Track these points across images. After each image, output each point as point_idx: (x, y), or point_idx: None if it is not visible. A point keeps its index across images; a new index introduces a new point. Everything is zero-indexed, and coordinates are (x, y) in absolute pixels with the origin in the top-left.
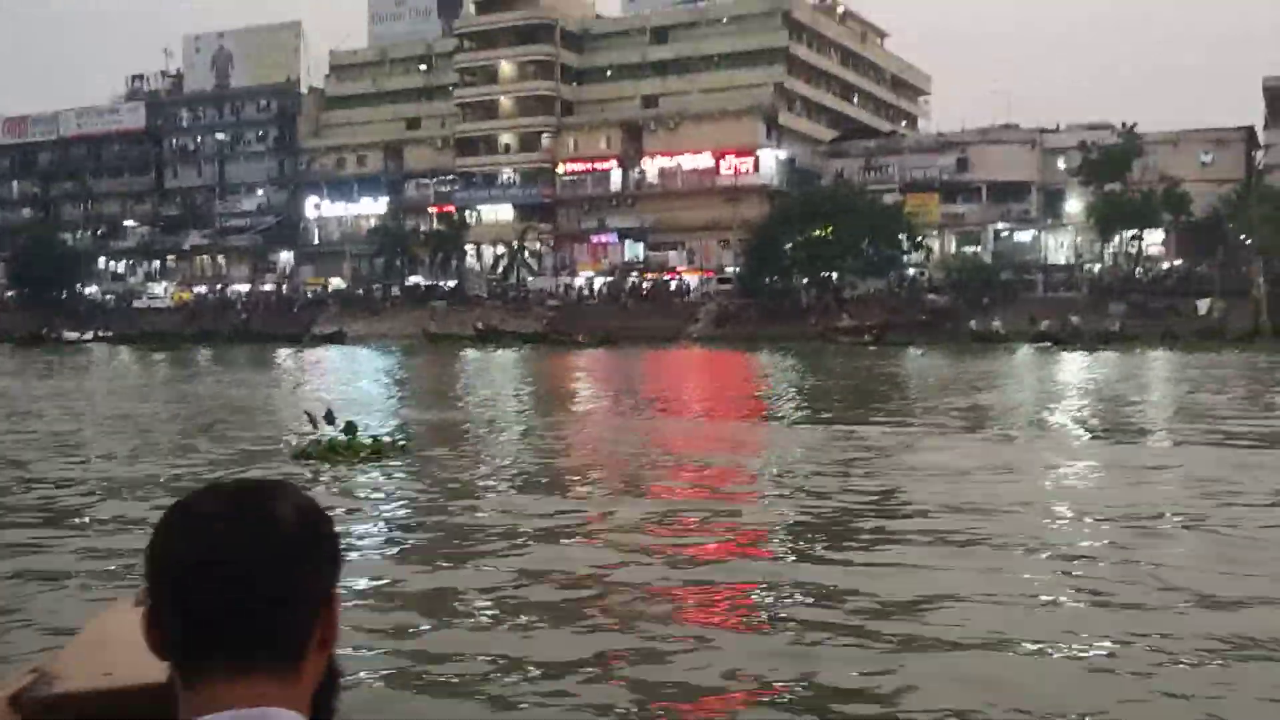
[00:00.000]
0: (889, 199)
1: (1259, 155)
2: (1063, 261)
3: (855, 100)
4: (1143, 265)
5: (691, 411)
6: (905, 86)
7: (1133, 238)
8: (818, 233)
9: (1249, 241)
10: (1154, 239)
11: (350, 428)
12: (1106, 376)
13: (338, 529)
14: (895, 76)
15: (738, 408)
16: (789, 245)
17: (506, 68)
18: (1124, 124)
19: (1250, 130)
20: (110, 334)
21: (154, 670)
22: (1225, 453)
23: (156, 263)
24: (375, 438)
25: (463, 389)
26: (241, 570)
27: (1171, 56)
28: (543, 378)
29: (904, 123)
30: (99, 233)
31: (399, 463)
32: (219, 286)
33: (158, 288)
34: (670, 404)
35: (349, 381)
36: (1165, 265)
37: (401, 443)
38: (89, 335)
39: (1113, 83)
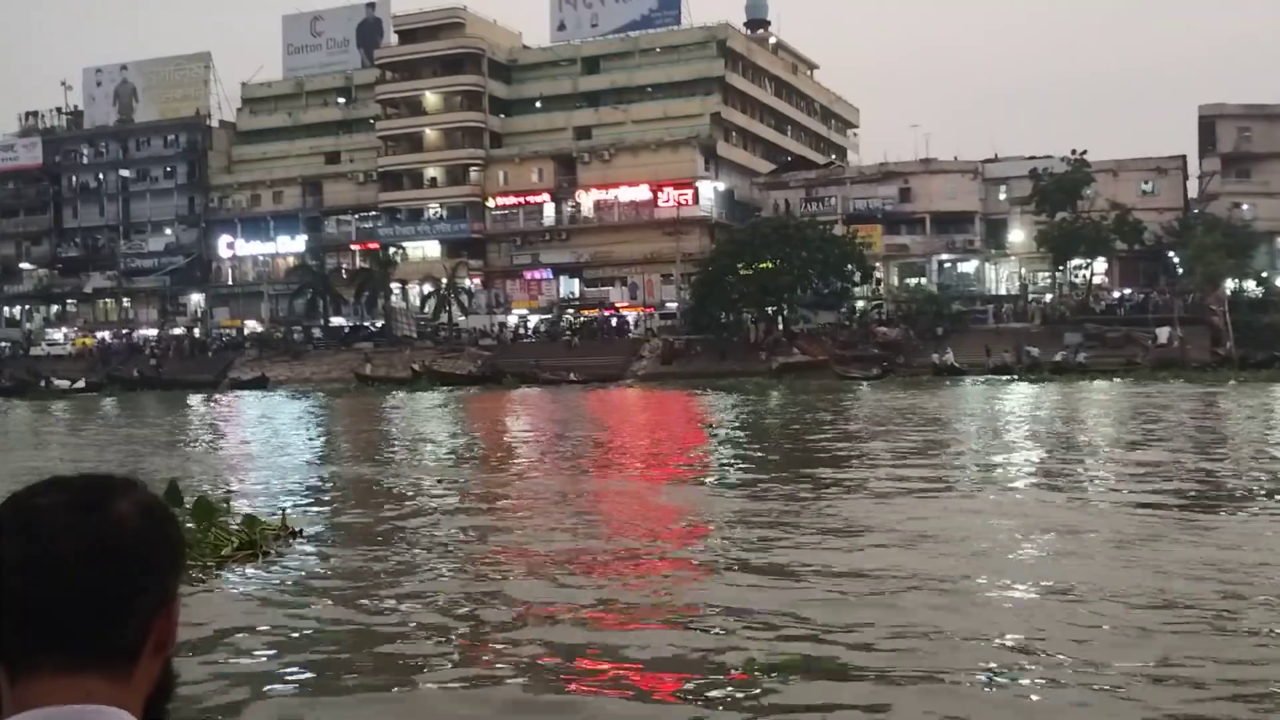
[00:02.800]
0: (835, 230)
1: (1192, 183)
2: (1004, 292)
3: (789, 132)
4: (1093, 294)
5: (642, 470)
6: (836, 118)
7: (1078, 267)
8: (764, 265)
9: (1196, 270)
10: (1097, 268)
11: (203, 511)
12: (1119, 414)
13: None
14: (825, 108)
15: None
16: (737, 278)
17: (431, 98)
18: (1073, 151)
19: (1183, 159)
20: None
21: None
22: None
23: (55, 307)
24: (250, 522)
25: (389, 441)
26: (75, 567)
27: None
28: (479, 423)
29: (833, 155)
30: None
31: (280, 563)
32: (125, 331)
33: (57, 334)
34: (617, 460)
35: (263, 434)
36: (1116, 294)
37: (292, 528)
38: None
39: (1030, 116)
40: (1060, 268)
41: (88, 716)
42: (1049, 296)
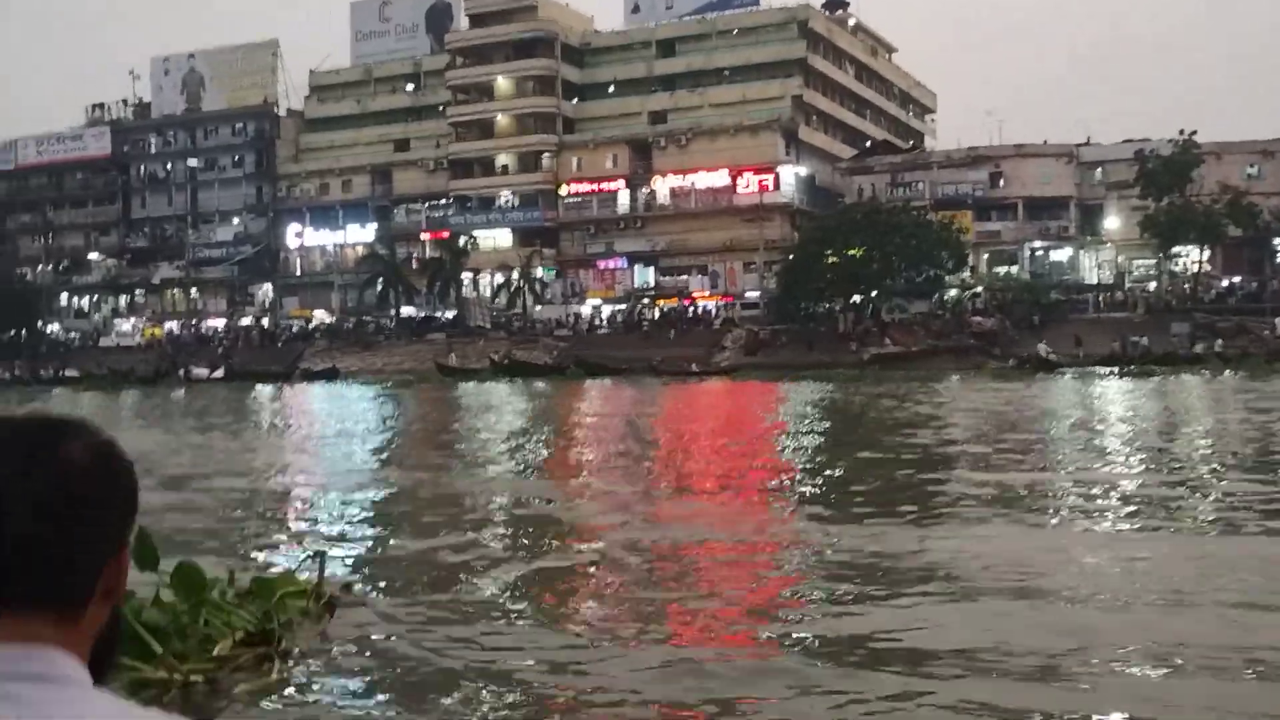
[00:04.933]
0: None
1: None
2: (1098, 280)
3: (868, 116)
4: (1200, 282)
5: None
6: (914, 103)
7: (1177, 254)
8: (853, 252)
9: None
10: (1195, 255)
11: (187, 582)
12: None
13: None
14: (904, 93)
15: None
16: (825, 266)
17: (503, 84)
18: (1181, 131)
19: None
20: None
21: None
22: None
23: (124, 298)
24: (262, 589)
25: (465, 441)
26: (23, 510)
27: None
28: (575, 422)
29: (910, 141)
30: (60, 267)
31: (307, 676)
32: (193, 322)
33: (125, 324)
34: (716, 472)
35: (327, 432)
36: (1224, 282)
37: (329, 592)
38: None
39: (1115, 99)
40: (1166, 255)
41: (32, 659)
42: (1152, 285)
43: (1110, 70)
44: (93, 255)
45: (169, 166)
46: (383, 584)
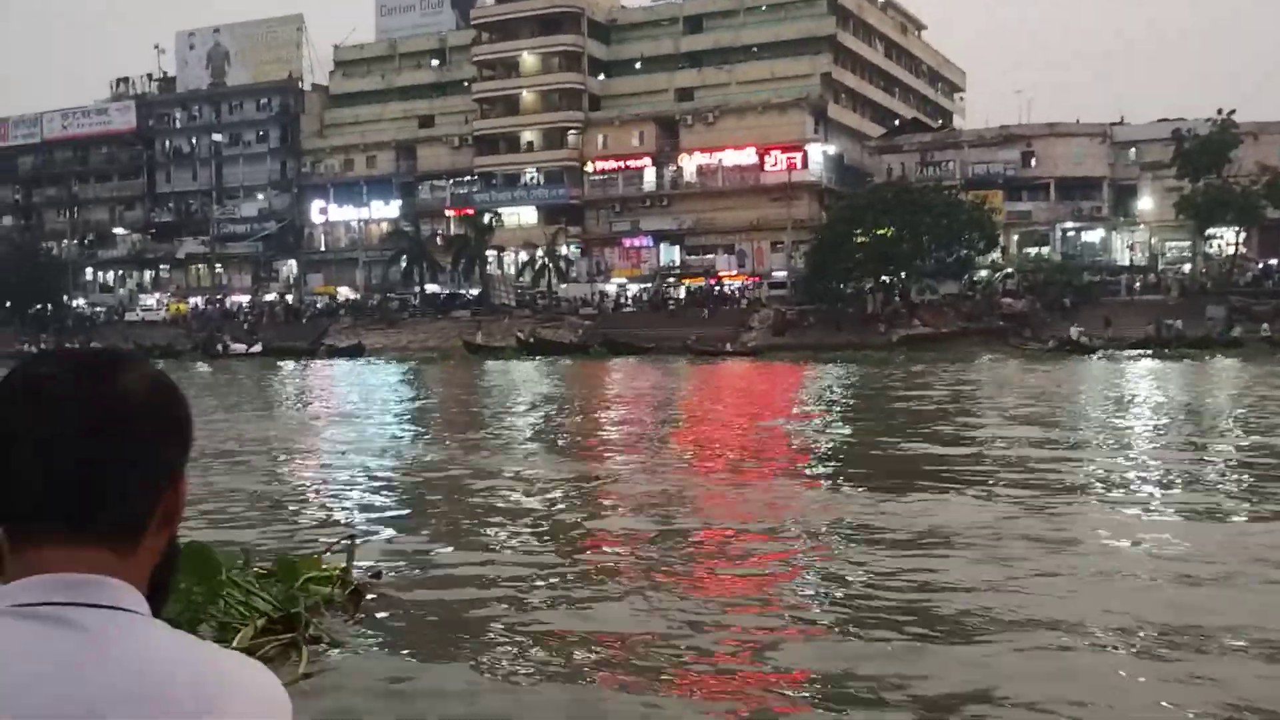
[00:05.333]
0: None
1: None
2: (1127, 262)
3: (897, 94)
4: (1236, 265)
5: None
6: (943, 81)
7: (1211, 236)
8: (882, 232)
9: None
10: (1234, 238)
11: (202, 562)
12: None
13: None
14: (933, 71)
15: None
16: (855, 246)
17: (529, 60)
18: (1219, 110)
19: None
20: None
21: None
22: None
23: (149, 273)
24: (286, 570)
25: (497, 421)
26: (81, 437)
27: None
28: (603, 398)
29: (940, 120)
30: (86, 241)
31: (335, 661)
32: (218, 297)
33: (150, 299)
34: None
35: (351, 408)
36: (1260, 265)
37: (359, 581)
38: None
39: (1147, 79)
40: (1203, 236)
41: (90, 586)
42: (1187, 267)
43: (1140, 52)
44: (118, 230)
45: (194, 141)
46: (415, 572)
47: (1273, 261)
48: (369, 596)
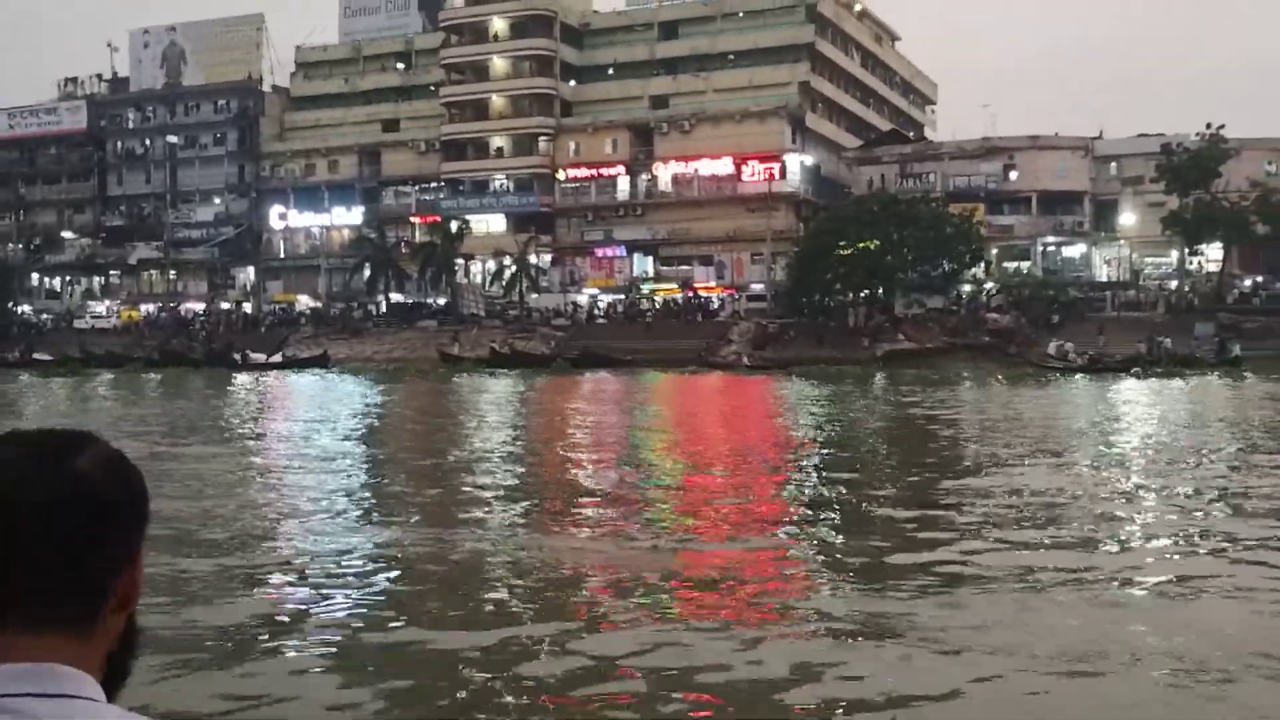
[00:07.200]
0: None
1: None
2: (1106, 278)
3: (871, 105)
4: (1221, 281)
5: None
6: (915, 93)
7: (1193, 252)
8: (866, 244)
9: None
10: (1215, 255)
11: None
12: None
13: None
14: (906, 82)
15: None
16: (837, 258)
17: (499, 64)
18: (1208, 125)
19: None
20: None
21: None
22: None
23: (99, 278)
24: None
25: (471, 442)
26: (37, 522)
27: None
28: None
29: (912, 133)
30: (32, 245)
31: None
32: (172, 305)
33: (100, 306)
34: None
35: (309, 429)
36: (1248, 282)
37: None
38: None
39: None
40: (1192, 252)
41: (41, 676)
42: (1174, 283)
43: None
44: (66, 234)
45: (147, 143)
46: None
47: (1259, 278)
48: None
